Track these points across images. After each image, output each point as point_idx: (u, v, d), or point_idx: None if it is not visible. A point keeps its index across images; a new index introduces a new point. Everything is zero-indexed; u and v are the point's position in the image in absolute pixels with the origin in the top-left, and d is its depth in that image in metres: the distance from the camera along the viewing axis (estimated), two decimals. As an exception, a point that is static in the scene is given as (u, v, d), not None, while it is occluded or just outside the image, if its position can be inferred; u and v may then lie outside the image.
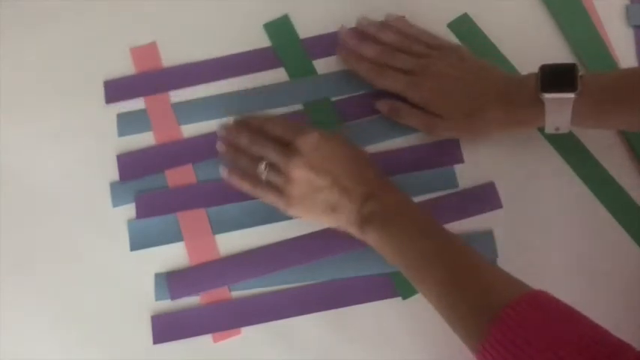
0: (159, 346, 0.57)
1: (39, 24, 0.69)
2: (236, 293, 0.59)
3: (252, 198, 0.60)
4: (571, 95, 0.53)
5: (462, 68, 0.60)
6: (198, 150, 0.63)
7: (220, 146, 0.60)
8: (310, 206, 0.55)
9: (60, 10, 0.69)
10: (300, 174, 0.54)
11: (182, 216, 0.61)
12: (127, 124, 0.65)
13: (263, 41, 0.67)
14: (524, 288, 0.47)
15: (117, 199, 0.62)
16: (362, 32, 0.65)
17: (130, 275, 0.60)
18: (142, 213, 0.61)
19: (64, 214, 0.62)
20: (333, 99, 0.64)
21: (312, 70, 0.66)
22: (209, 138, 0.63)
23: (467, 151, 0.61)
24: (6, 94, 0.67)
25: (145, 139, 0.64)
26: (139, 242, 0.61)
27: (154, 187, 0.62)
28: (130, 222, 0.61)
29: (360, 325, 0.57)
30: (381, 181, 0.55)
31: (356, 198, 0.53)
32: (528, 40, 0.65)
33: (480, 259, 0.50)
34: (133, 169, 0.63)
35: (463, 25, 0.66)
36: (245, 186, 0.58)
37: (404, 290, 0.57)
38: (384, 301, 0.57)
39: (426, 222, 0.53)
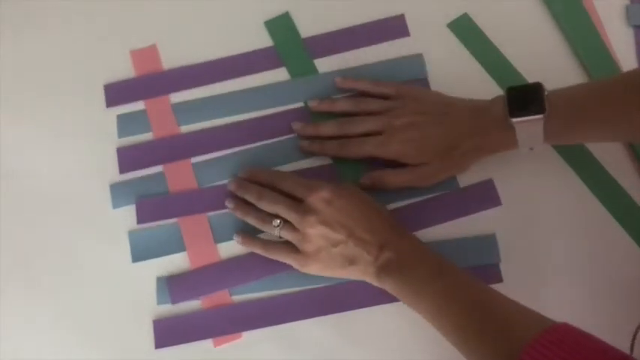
0: (161, 350, 0.58)
1: (40, 25, 0.69)
2: (237, 298, 0.59)
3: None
4: (539, 117, 0.53)
5: (425, 111, 0.59)
6: (199, 144, 0.63)
7: (229, 202, 0.60)
8: (326, 261, 0.55)
9: (60, 11, 0.69)
10: (315, 231, 0.54)
11: (184, 225, 0.61)
12: (127, 124, 0.65)
13: (264, 40, 0.67)
14: (543, 323, 0.46)
15: (117, 201, 0.62)
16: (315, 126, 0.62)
17: (131, 279, 0.60)
18: (142, 218, 0.61)
19: (64, 216, 0.62)
20: (334, 97, 0.64)
21: (313, 69, 0.66)
22: (209, 133, 0.64)
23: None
24: (6, 95, 0.67)
25: (144, 140, 0.65)
26: (140, 254, 0.61)
27: (155, 191, 0.62)
28: (130, 233, 0.61)
29: (362, 329, 0.57)
30: (394, 228, 0.56)
31: (372, 248, 0.54)
32: (528, 40, 0.65)
33: (496, 296, 0.50)
34: (133, 160, 0.63)
35: (463, 25, 0.66)
36: (257, 248, 0.58)
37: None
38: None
39: (440, 265, 0.53)
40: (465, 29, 0.66)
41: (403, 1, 0.67)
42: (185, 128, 0.65)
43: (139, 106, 0.66)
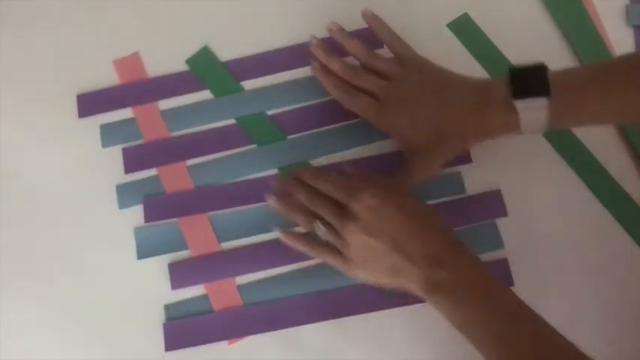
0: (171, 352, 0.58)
1: (39, 26, 0.68)
2: (248, 300, 0.59)
3: (256, 203, 0.61)
4: (544, 100, 0.52)
5: (426, 85, 0.57)
6: (197, 147, 0.64)
7: (273, 201, 0.57)
8: (373, 270, 0.52)
9: (57, 13, 0.69)
10: (356, 239, 0.51)
11: (188, 223, 0.61)
12: (111, 134, 0.64)
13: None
14: None
15: (123, 202, 0.62)
16: (331, 41, 0.62)
17: (139, 281, 0.60)
18: (150, 217, 0.61)
19: (72, 217, 0.62)
20: (269, 113, 0.64)
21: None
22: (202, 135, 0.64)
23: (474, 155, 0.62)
24: (6, 95, 0.66)
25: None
26: (146, 251, 0.60)
27: (161, 191, 0.62)
28: (137, 229, 0.61)
29: (365, 333, 0.57)
30: (449, 242, 0.51)
31: (419, 260, 0.49)
32: (528, 40, 0.65)
33: (556, 336, 0.46)
34: (138, 160, 0.63)
35: (463, 25, 0.66)
36: (301, 246, 0.56)
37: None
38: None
39: (498, 291, 0.49)
40: (465, 29, 0.66)
41: (403, 1, 0.67)
42: (177, 134, 0.64)
43: (124, 114, 0.65)
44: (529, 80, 0.52)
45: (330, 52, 0.61)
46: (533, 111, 0.52)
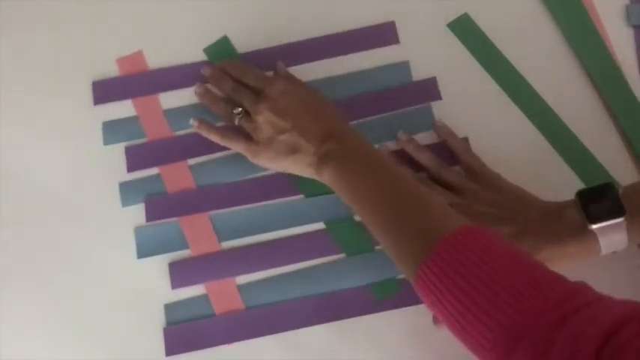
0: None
1: (39, 25, 0.68)
2: (247, 300, 0.59)
3: (256, 202, 0.61)
4: (621, 219, 0.51)
5: (500, 207, 0.56)
6: (200, 146, 0.63)
7: (199, 87, 0.63)
8: (275, 151, 0.58)
9: (57, 11, 0.69)
10: (264, 118, 0.58)
11: (188, 222, 0.61)
12: (113, 132, 0.64)
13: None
14: (467, 222, 0.47)
15: (126, 199, 0.62)
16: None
17: (141, 282, 0.60)
18: (151, 216, 0.61)
19: (73, 216, 0.62)
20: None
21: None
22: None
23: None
24: (7, 94, 0.66)
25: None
26: (146, 250, 0.60)
27: (163, 190, 0.62)
28: (137, 229, 0.61)
29: (364, 334, 0.57)
30: (341, 123, 0.58)
31: (314, 138, 0.56)
32: (528, 40, 0.65)
33: (429, 196, 0.51)
34: (141, 159, 0.63)
35: (463, 25, 0.66)
36: (214, 136, 0.61)
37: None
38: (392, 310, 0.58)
39: (381, 162, 0.54)
40: (465, 29, 0.66)
41: (403, 1, 0.67)
42: (179, 133, 0.64)
43: (127, 111, 0.65)
44: (600, 201, 0.52)
45: (421, 147, 0.61)
46: (611, 231, 0.51)
